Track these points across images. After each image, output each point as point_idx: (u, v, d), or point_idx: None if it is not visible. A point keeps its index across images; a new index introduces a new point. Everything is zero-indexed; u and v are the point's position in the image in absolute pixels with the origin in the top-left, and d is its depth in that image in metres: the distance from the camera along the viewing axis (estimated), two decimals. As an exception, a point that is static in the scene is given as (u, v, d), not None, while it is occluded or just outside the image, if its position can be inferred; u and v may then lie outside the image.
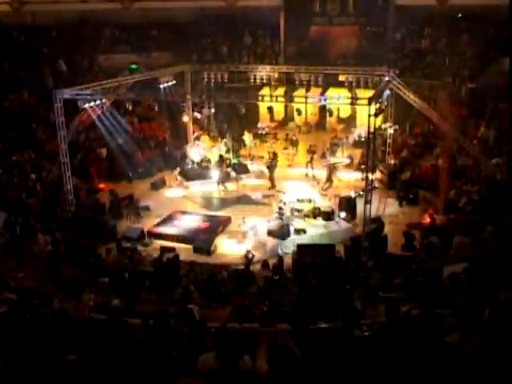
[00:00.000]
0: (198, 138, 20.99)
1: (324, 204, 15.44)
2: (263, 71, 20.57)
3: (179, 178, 18.75)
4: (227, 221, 15.28)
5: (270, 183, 17.74)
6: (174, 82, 19.28)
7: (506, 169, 14.06)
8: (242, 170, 19.05)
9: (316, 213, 14.65)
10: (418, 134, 20.12)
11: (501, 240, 10.11)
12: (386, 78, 16.27)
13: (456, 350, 4.38)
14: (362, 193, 15.41)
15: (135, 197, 16.39)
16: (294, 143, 20.57)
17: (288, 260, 12.21)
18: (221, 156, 18.97)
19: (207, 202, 17.20)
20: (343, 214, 14.76)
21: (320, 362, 4.25)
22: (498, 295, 6.97)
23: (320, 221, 14.47)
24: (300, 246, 12.52)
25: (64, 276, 10.32)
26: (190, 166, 19.60)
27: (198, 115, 22.07)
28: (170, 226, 15.05)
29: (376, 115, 11.89)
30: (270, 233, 13.78)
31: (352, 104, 16.61)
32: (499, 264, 8.37)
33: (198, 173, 19.03)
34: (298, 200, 15.32)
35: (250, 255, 12.53)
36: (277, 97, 17.74)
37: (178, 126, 22.10)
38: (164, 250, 12.48)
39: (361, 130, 20.03)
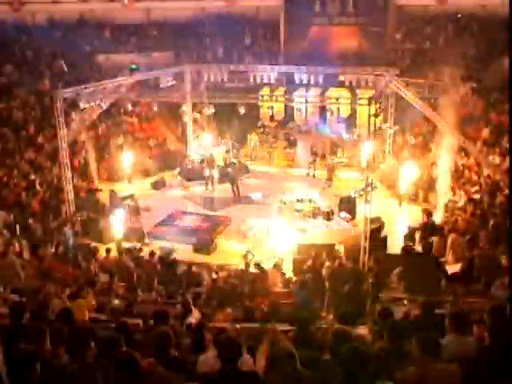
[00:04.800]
0: (198, 138, 21.00)
1: (324, 204, 15.45)
2: (263, 71, 20.57)
3: (179, 177, 18.75)
4: (227, 221, 15.28)
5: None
6: (174, 82, 19.27)
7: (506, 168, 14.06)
8: (242, 170, 19.05)
9: (316, 213, 14.65)
10: (417, 134, 20.10)
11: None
12: (386, 78, 16.28)
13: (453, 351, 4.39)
14: (362, 193, 15.44)
15: (135, 197, 16.39)
16: (294, 143, 20.57)
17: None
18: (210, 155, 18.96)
19: (207, 201, 17.21)
20: (343, 214, 14.76)
21: (320, 361, 4.27)
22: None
23: (320, 221, 14.47)
24: (300, 246, 12.53)
25: (64, 276, 10.31)
26: (189, 166, 19.60)
27: (198, 115, 22.06)
28: (170, 225, 15.06)
29: (376, 115, 11.92)
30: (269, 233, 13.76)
31: (352, 104, 16.67)
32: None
33: (198, 173, 19.02)
34: (298, 200, 15.32)
35: (250, 255, 12.53)
36: (277, 97, 17.77)
37: (178, 125, 22.11)
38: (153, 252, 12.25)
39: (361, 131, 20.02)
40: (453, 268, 9.43)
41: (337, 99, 15.09)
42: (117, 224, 13.87)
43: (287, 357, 3.93)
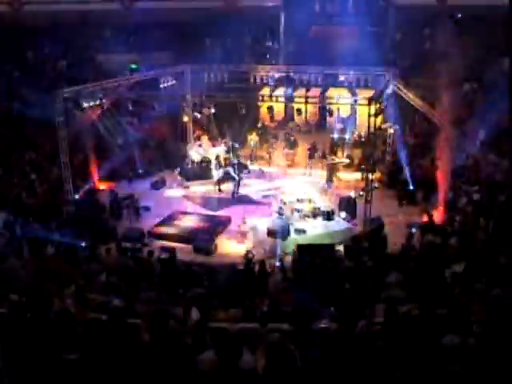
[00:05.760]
0: (198, 138, 21.00)
1: (324, 204, 15.45)
2: (263, 71, 20.56)
3: (179, 177, 18.77)
4: (227, 221, 15.29)
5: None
6: (174, 82, 19.27)
7: (506, 168, 14.09)
8: (242, 170, 19.03)
9: (316, 213, 14.65)
10: (417, 134, 20.11)
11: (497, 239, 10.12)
12: (386, 78, 16.28)
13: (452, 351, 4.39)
14: (362, 193, 15.44)
15: (135, 197, 16.40)
16: (294, 143, 20.57)
17: (288, 260, 12.22)
18: (217, 156, 18.99)
19: (207, 201, 17.22)
20: (343, 214, 14.76)
21: (320, 361, 4.26)
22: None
23: (320, 221, 14.47)
24: (300, 246, 12.53)
25: (64, 276, 10.31)
26: (189, 166, 19.61)
27: (198, 115, 22.07)
28: (170, 225, 15.06)
29: (376, 115, 11.92)
30: (270, 233, 13.78)
31: (352, 104, 16.66)
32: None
33: (198, 173, 19.04)
34: (298, 200, 15.32)
35: (250, 255, 12.54)
36: (277, 97, 17.75)
37: (178, 125, 22.10)
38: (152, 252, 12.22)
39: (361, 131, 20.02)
40: (454, 268, 9.41)
41: (337, 99, 15.07)
42: (117, 223, 13.89)
43: (287, 357, 3.94)
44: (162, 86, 18.51)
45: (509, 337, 4.20)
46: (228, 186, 17.88)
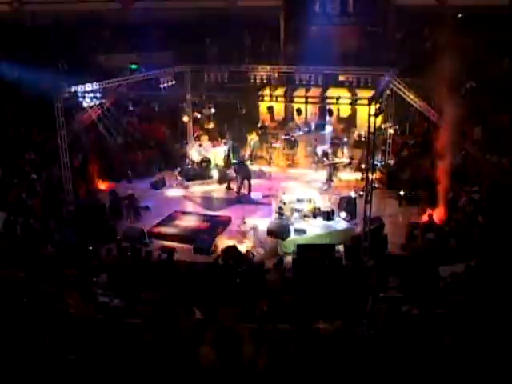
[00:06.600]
0: (198, 138, 20.99)
1: (324, 204, 15.44)
2: (263, 71, 20.54)
3: (179, 178, 18.77)
4: (227, 221, 15.29)
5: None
6: (174, 82, 19.27)
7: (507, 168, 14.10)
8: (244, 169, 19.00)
9: (316, 213, 14.65)
10: (418, 134, 20.10)
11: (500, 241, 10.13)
12: (386, 78, 16.28)
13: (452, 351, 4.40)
14: (362, 193, 15.44)
15: (135, 197, 16.39)
16: (293, 143, 20.55)
17: (288, 260, 12.23)
18: (226, 157, 19.01)
19: (207, 202, 17.22)
20: (343, 214, 14.76)
21: (320, 361, 4.26)
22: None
23: (320, 221, 14.47)
24: (300, 246, 12.52)
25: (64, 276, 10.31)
26: (189, 166, 19.61)
27: (198, 115, 22.06)
28: (170, 226, 15.06)
29: (376, 115, 11.91)
30: (270, 233, 13.78)
31: (352, 104, 16.66)
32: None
33: (198, 173, 19.04)
34: (298, 200, 15.32)
35: (250, 255, 12.54)
36: (277, 97, 17.74)
37: (178, 125, 22.10)
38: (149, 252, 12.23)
39: (361, 130, 20.02)
40: (455, 268, 9.42)
41: (337, 99, 15.05)
42: (117, 223, 13.88)
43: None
44: (161, 86, 18.49)
45: (508, 336, 4.20)
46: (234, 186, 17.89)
